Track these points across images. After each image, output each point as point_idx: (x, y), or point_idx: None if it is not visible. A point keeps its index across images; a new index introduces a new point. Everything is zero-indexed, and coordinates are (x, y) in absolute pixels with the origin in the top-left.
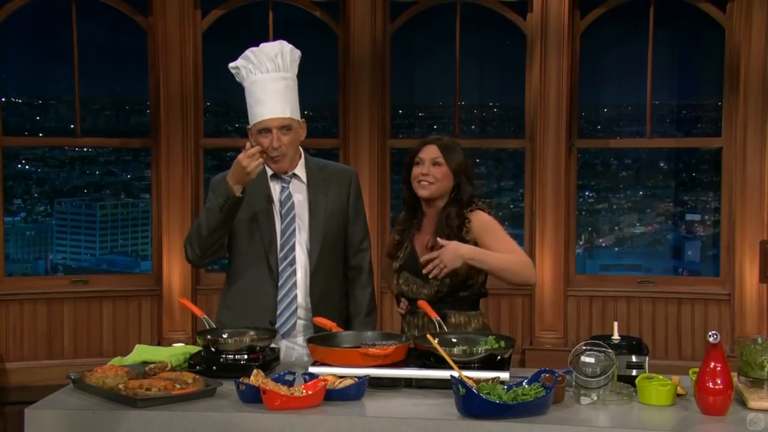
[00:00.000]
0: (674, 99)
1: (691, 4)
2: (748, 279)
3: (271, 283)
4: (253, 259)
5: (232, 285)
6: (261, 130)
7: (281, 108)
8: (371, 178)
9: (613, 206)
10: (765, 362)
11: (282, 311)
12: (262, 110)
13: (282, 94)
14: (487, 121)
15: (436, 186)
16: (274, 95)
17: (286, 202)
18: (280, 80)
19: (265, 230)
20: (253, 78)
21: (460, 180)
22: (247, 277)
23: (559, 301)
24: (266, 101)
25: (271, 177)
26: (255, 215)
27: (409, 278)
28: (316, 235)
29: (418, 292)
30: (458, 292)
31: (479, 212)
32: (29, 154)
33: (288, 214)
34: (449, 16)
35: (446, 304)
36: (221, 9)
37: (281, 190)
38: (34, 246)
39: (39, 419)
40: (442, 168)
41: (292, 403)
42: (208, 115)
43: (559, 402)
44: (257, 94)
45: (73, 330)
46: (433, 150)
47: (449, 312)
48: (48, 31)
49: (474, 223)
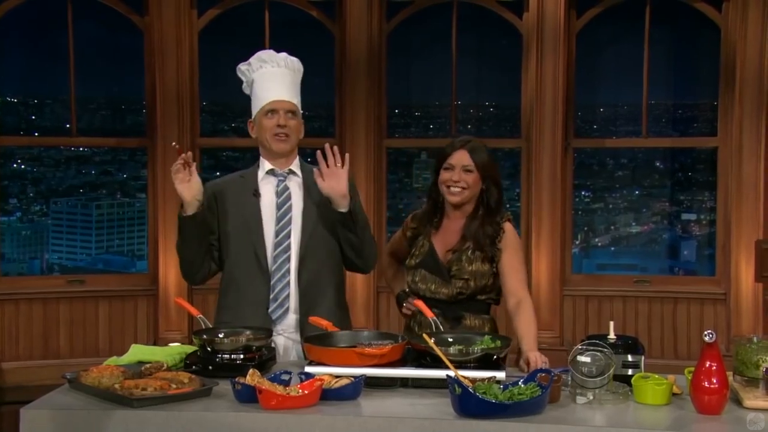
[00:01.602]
0: (670, 98)
1: (686, 4)
2: (744, 278)
3: (261, 276)
4: (243, 254)
5: (226, 282)
6: (268, 111)
7: (289, 94)
8: (368, 177)
9: (609, 206)
10: (760, 361)
11: (275, 295)
12: (270, 94)
13: (291, 85)
14: (484, 121)
15: (468, 192)
16: (283, 83)
17: (282, 193)
18: (288, 75)
19: (252, 224)
20: (262, 71)
21: (488, 184)
22: (239, 272)
23: (555, 300)
24: (276, 88)
25: (267, 173)
26: (242, 211)
27: (427, 276)
28: (310, 223)
29: (437, 291)
30: (477, 295)
31: (509, 224)
32: (25, 154)
33: (284, 204)
34: (445, 15)
35: (462, 307)
36: (217, 8)
37: (277, 183)
38: (29, 246)
39: (35, 419)
40: (473, 174)
41: (288, 403)
42: (204, 114)
43: (555, 401)
44: (266, 83)
45: (69, 330)
46: (463, 156)
47: (465, 314)
48: (44, 30)
49: (507, 235)
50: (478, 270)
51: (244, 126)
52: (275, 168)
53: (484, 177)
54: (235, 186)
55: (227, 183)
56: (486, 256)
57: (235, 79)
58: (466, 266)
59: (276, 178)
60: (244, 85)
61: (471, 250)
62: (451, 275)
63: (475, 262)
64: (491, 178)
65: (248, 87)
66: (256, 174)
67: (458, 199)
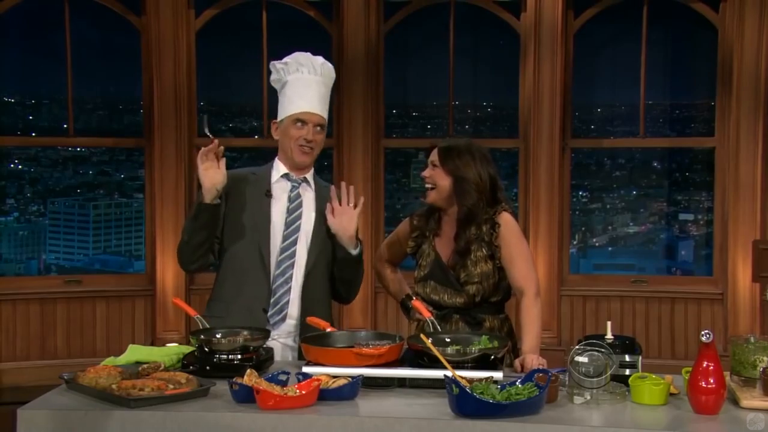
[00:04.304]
0: (667, 99)
1: (684, 4)
2: (741, 278)
3: (263, 276)
4: (247, 250)
5: (223, 275)
6: (297, 120)
7: (321, 107)
8: (365, 177)
9: (607, 206)
10: (757, 361)
11: (276, 299)
12: (303, 104)
13: (323, 98)
14: (481, 121)
15: (435, 193)
16: (317, 94)
17: (294, 200)
18: (322, 85)
19: (260, 223)
20: (298, 74)
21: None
22: (240, 269)
23: (552, 300)
24: (310, 97)
25: (282, 176)
26: (252, 208)
27: (437, 288)
28: (319, 236)
29: (453, 301)
30: (491, 297)
31: (506, 216)
32: (22, 154)
33: (295, 210)
34: (443, 15)
35: (481, 310)
36: (215, 8)
37: (291, 188)
38: (27, 246)
39: (32, 419)
40: (438, 170)
41: (286, 403)
42: (201, 114)
43: (552, 401)
44: (301, 89)
45: (66, 330)
46: (434, 153)
47: (485, 317)
48: (41, 30)
49: (503, 230)
50: (484, 271)
51: (241, 126)
52: (291, 173)
53: (452, 173)
54: (248, 181)
55: (239, 176)
56: (486, 255)
57: (233, 79)
58: (472, 270)
59: (290, 183)
60: (273, 79)
61: (472, 253)
62: (461, 282)
63: (480, 263)
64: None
65: (278, 85)
66: (269, 174)
67: (429, 200)
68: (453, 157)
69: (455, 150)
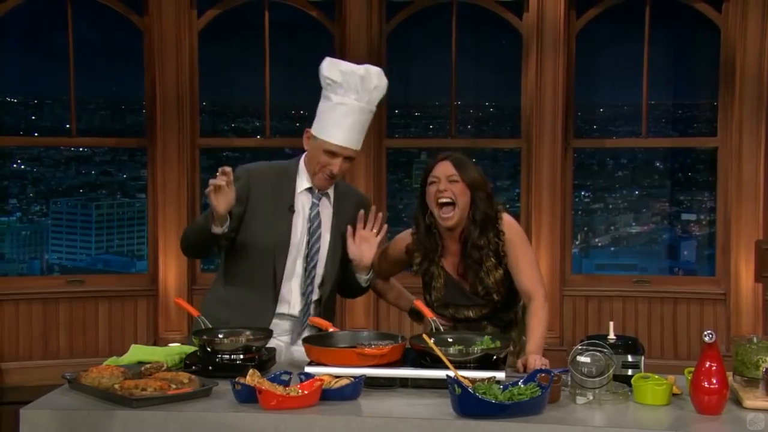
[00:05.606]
0: (670, 99)
1: (686, 4)
2: (744, 279)
3: (272, 290)
4: (261, 258)
5: (230, 276)
6: (328, 151)
7: (357, 140)
8: (367, 177)
9: (609, 206)
10: (760, 362)
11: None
12: (339, 135)
13: (362, 127)
14: (483, 121)
15: (458, 211)
16: (356, 125)
17: (315, 219)
18: (367, 113)
19: (280, 239)
20: (345, 99)
21: (476, 196)
22: (250, 278)
23: (555, 300)
24: (348, 128)
25: (305, 190)
26: (272, 222)
27: (461, 308)
28: (335, 252)
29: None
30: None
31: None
32: (24, 154)
33: (316, 231)
34: (445, 15)
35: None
36: (217, 9)
37: (311, 206)
38: (29, 246)
39: (34, 419)
40: (459, 185)
41: (288, 403)
42: (203, 114)
43: (554, 402)
44: (340, 117)
45: (69, 330)
46: (447, 167)
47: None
48: (43, 30)
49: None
50: (498, 279)
51: (244, 126)
52: (313, 187)
53: (471, 184)
54: (270, 183)
55: (267, 174)
56: (495, 263)
57: (235, 78)
58: (488, 281)
59: (311, 200)
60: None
61: (483, 264)
62: (481, 296)
63: (491, 272)
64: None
65: (324, 90)
66: (294, 181)
67: (452, 223)
68: (468, 167)
69: (463, 160)
